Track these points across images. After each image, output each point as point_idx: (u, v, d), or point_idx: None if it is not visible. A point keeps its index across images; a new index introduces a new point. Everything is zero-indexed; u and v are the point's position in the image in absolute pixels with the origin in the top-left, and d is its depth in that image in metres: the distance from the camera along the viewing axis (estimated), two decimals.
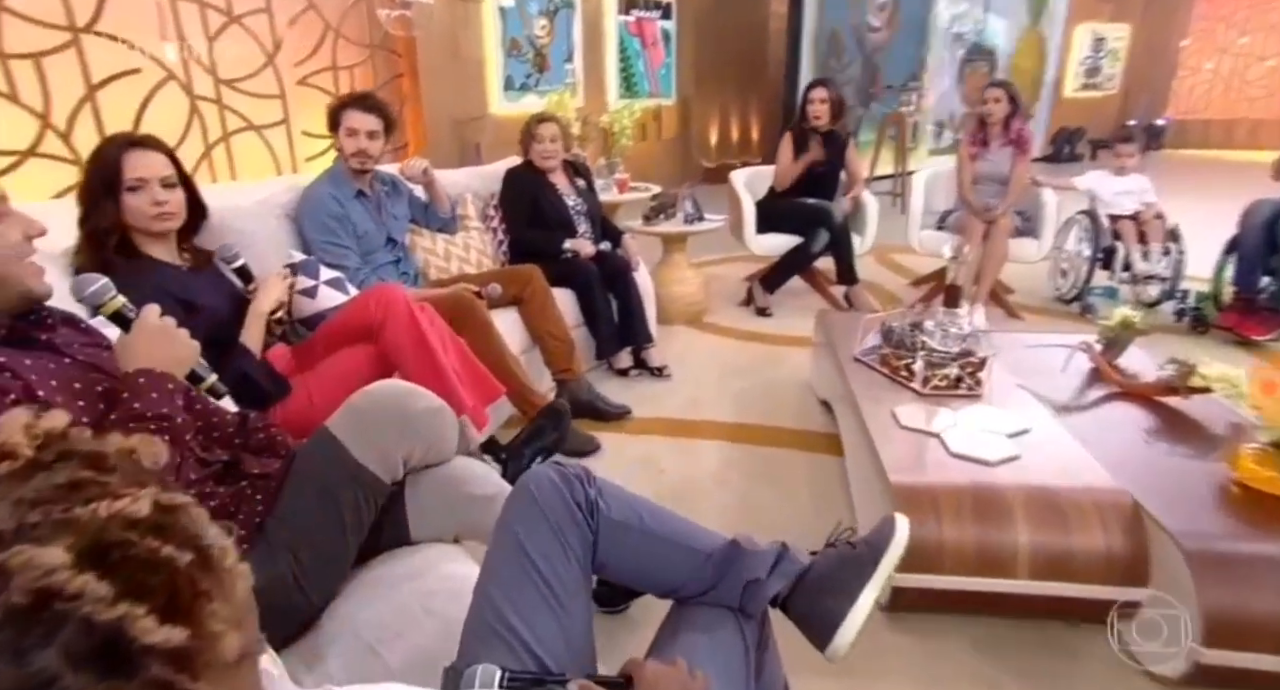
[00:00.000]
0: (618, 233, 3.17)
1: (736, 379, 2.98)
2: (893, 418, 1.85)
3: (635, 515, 1.01)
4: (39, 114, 3.56)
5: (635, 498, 1.06)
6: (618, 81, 6.78)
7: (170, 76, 3.97)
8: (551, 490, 0.96)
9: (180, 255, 1.73)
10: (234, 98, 4.28)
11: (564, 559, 0.92)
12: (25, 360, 0.93)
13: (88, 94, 3.68)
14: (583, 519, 0.96)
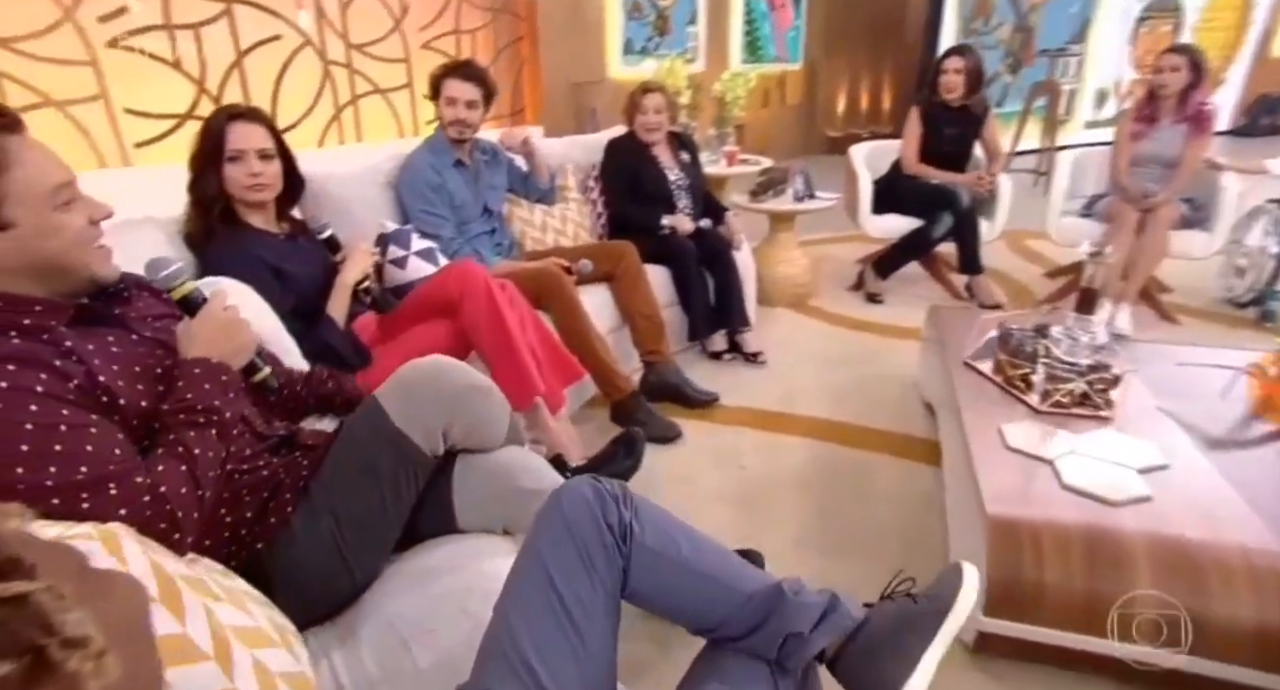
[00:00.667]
0: (720, 209, 3.02)
1: (836, 371, 2.80)
2: (999, 436, 1.65)
3: (673, 543, 0.93)
4: (196, 80, 3.82)
5: (676, 523, 0.97)
6: (741, 45, 6.49)
7: (307, 42, 4.16)
8: (583, 508, 0.89)
9: (279, 224, 1.78)
10: (363, 62, 4.43)
11: (588, 585, 0.85)
12: (89, 344, 0.95)
13: (236, 60, 3.92)
14: (613, 542, 0.88)
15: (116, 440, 0.90)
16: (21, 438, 0.82)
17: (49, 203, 0.90)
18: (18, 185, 0.87)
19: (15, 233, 0.88)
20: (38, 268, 0.92)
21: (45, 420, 0.84)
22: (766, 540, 1.84)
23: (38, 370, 0.87)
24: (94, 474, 0.85)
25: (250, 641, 0.81)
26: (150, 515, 0.87)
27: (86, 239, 0.96)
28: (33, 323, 0.91)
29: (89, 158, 3.59)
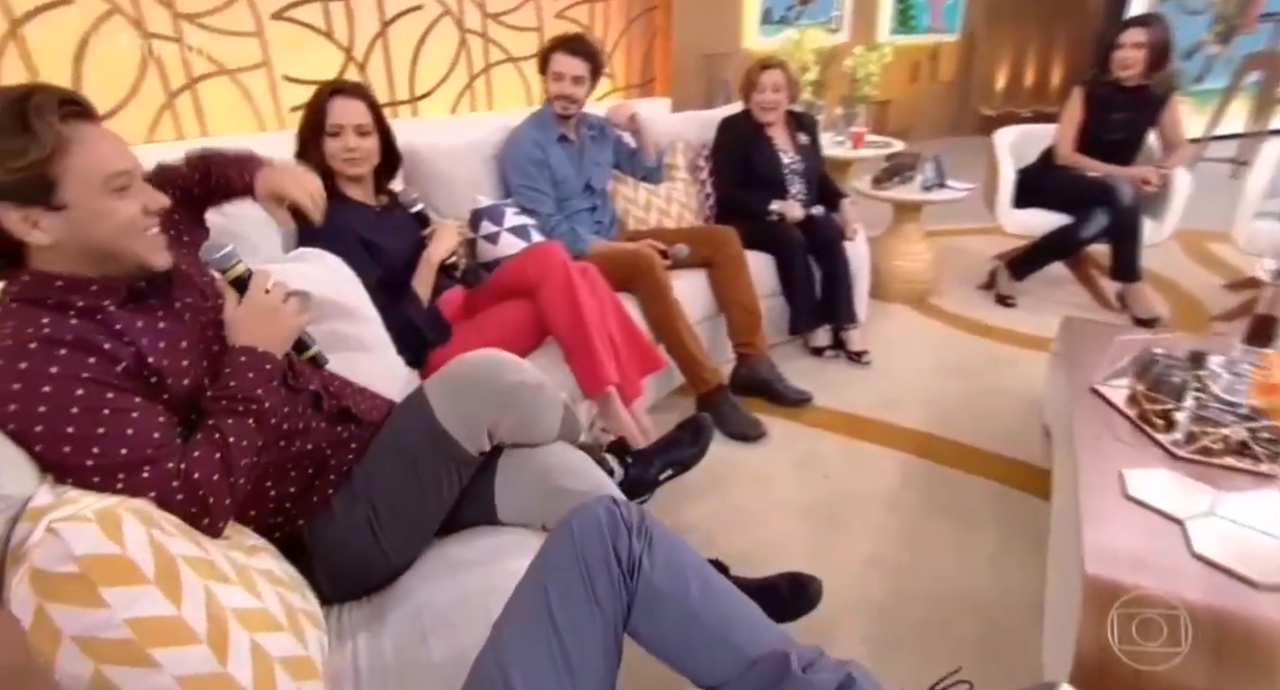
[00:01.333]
0: (837, 196, 2.82)
1: (949, 379, 2.55)
2: (1119, 481, 1.41)
3: (682, 586, 0.84)
4: (345, 48, 4.02)
5: (691, 563, 0.88)
6: (892, 15, 6.02)
7: (446, 12, 4.27)
8: (595, 535, 0.83)
9: (376, 197, 1.82)
10: (497, 31, 4.49)
11: (588, 619, 0.79)
12: (139, 323, 0.98)
13: (381, 30, 4.09)
14: (619, 576, 0.82)
15: (157, 424, 0.93)
16: (69, 420, 0.86)
17: (103, 188, 0.92)
18: (74, 169, 0.89)
19: (68, 214, 0.91)
20: (89, 251, 0.95)
21: (91, 404, 0.88)
22: (837, 556, 1.71)
23: (87, 354, 0.90)
24: (132, 456, 0.89)
25: (252, 625, 0.82)
26: (181, 499, 0.90)
27: (137, 226, 0.97)
28: (87, 304, 0.94)
29: (251, 121, 3.89)
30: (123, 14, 3.31)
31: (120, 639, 0.70)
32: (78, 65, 3.20)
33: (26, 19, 3.03)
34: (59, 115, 0.88)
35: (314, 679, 0.87)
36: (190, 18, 3.50)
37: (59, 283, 0.94)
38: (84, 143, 0.90)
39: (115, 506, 0.74)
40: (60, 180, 0.89)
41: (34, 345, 0.87)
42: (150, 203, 0.99)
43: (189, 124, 3.69)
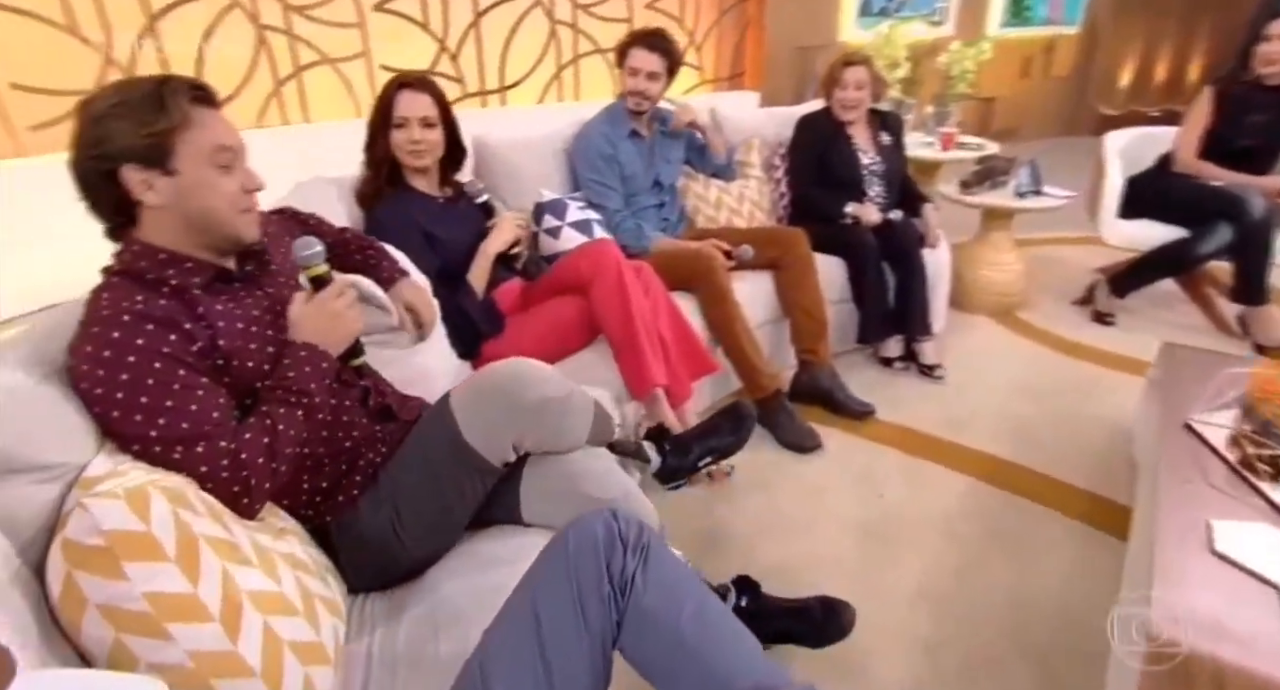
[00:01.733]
0: (919, 200, 2.68)
1: (1030, 400, 2.39)
2: (1205, 532, 1.28)
3: (674, 609, 0.82)
4: (439, 38, 4.15)
5: (687, 587, 0.85)
6: (1004, 6, 5.66)
7: (537, 3, 4.32)
8: (589, 550, 0.81)
9: (441, 188, 1.86)
10: (587, 22, 4.52)
11: (575, 635, 0.78)
12: (218, 307, 1.05)
13: (474, 20, 4.19)
14: (610, 595, 0.80)
15: (217, 404, 0.99)
16: (144, 391, 0.93)
17: (209, 161, 1.02)
18: (189, 143, 1.00)
19: (178, 180, 1.01)
20: (190, 218, 1.04)
21: (164, 378, 0.94)
22: (882, 582, 1.63)
23: (169, 332, 0.97)
24: (191, 431, 0.94)
25: (266, 607, 0.85)
26: (226, 477, 0.95)
27: (235, 201, 1.06)
28: (179, 282, 1.02)
29: (350, 109, 4.08)
30: (241, 7, 3.52)
31: (138, 611, 0.74)
32: (201, 57, 3.44)
33: (162, 14, 3.27)
34: (188, 98, 1.00)
35: (323, 664, 0.90)
36: (299, 10, 3.68)
37: (162, 255, 1.03)
38: (201, 122, 1.02)
39: (146, 485, 0.78)
40: (177, 150, 1.00)
41: (127, 318, 0.94)
42: (248, 182, 1.09)
43: (293, 111, 3.90)
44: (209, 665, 0.78)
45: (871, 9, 5.09)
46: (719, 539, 1.80)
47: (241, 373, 1.05)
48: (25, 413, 0.87)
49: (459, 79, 4.30)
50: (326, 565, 1.08)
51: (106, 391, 0.92)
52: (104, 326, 0.93)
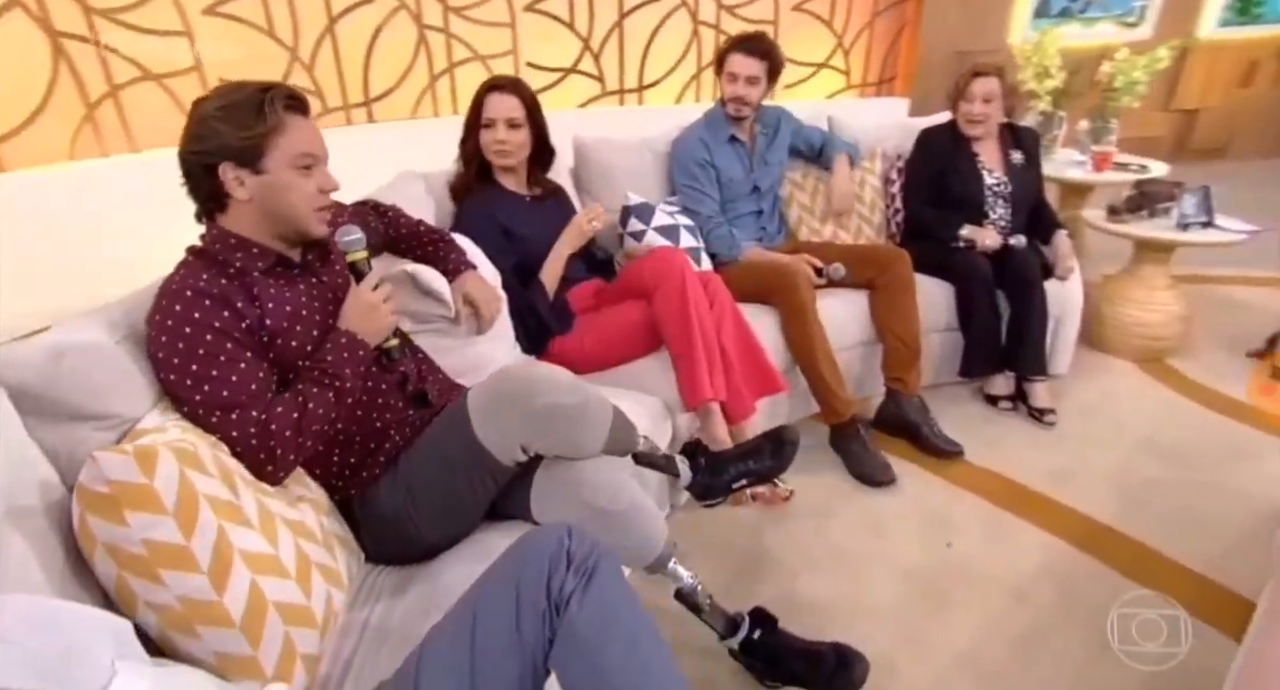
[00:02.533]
0: (1052, 226, 2.42)
1: (1157, 462, 2.09)
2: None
3: (603, 638, 0.80)
4: (583, 38, 4.29)
5: (627, 614, 0.83)
6: (1226, 2, 4.92)
7: (682, 3, 4.34)
8: (536, 563, 0.82)
9: (530, 187, 1.93)
10: (732, 24, 4.47)
11: (507, 645, 0.79)
12: (271, 291, 1.16)
13: (618, 21, 4.29)
14: (546, 612, 0.80)
15: (257, 378, 1.10)
16: (194, 360, 1.05)
17: (293, 163, 1.14)
18: (278, 146, 1.12)
19: (264, 178, 1.13)
20: (270, 212, 1.16)
21: (213, 349, 1.06)
22: (927, 638, 1.51)
23: (222, 309, 1.09)
24: (230, 399, 1.06)
25: (258, 567, 0.94)
26: (254, 445, 1.05)
27: (311, 200, 1.18)
28: (242, 265, 1.15)
29: None
30: (406, 8, 3.82)
31: (136, 554, 0.84)
32: (369, 55, 3.79)
33: (340, 16, 3.64)
34: (283, 106, 1.12)
35: (308, 627, 0.98)
36: (458, 10, 3.95)
37: (233, 240, 1.16)
38: (291, 129, 1.14)
39: (158, 444, 0.89)
40: (268, 152, 1.12)
41: (189, 294, 1.08)
42: (325, 184, 1.20)
43: (444, 104, 4.19)
44: (195, 612, 0.87)
45: (1050, 10, 4.64)
46: (762, 563, 1.74)
47: (285, 351, 1.15)
48: (99, 368, 1.01)
49: (599, 77, 4.43)
50: (339, 536, 1.17)
51: (166, 356, 1.05)
52: (170, 300, 1.07)
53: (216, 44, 3.27)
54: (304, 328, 1.18)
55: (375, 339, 1.23)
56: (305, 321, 1.19)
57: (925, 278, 2.35)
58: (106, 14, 2.94)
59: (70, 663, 0.63)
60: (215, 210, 1.17)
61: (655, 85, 4.53)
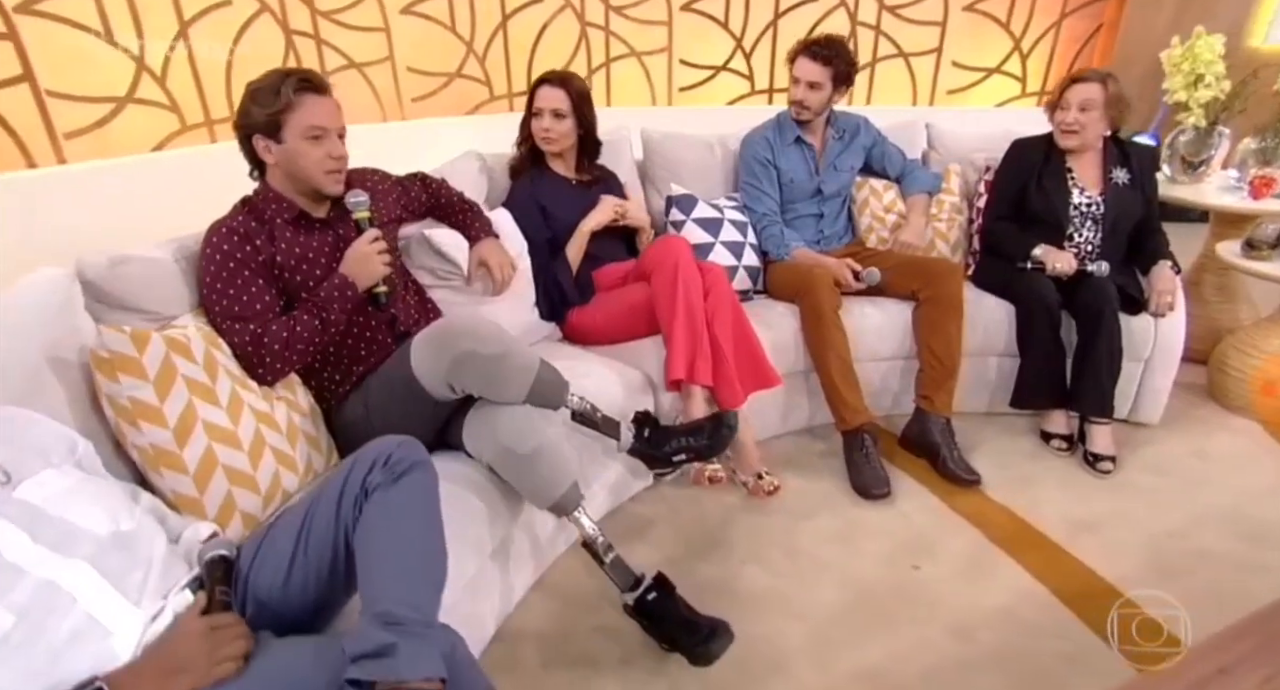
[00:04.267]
0: (1157, 256, 2.13)
1: (1223, 537, 1.79)
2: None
3: (384, 524, 0.97)
4: (736, 37, 4.37)
5: (411, 513, 0.99)
6: None
7: (841, 4, 4.25)
8: (364, 463, 1.01)
9: (578, 172, 2.12)
10: (894, 25, 4.29)
11: (329, 519, 0.98)
12: (288, 233, 1.46)
13: (772, 21, 4.32)
14: (359, 497, 0.99)
15: (263, 300, 1.40)
16: (218, 280, 1.38)
17: (304, 134, 1.42)
18: (293, 120, 1.41)
19: (284, 147, 1.43)
20: (292, 173, 1.46)
21: (232, 274, 1.38)
22: (833, 651, 1.49)
23: (245, 244, 1.41)
24: (237, 312, 1.37)
25: (215, 436, 1.23)
26: (249, 351, 1.36)
27: (321, 164, 1.45)
28: (270, 215, 1.46)
29: (645, 97, 4.56)
30: (571, 7, 4.17)
31: (124, 406, 1.16)
32: (535, 49, 4.19)
33: (513, 14, 4.07)
34: (295, 87, 1.40)
35: (250, 491, 1.26)
36: (619, 9, 4.22)
37: (270, 194, 1.48)
38: (302, 106, 1.41)
39: (156, 332, 1.21)
40: (284, 125, 1.41)
41: (224, 230, 1.41)
42: (333, 151, 1.47)
43: (599, 97, 4.50)
44: (160, 457, 1.18)
45: None
46: (717, 546, 1.79)
47: (292, 285, 1.45)
48: (154, 276, 1.38)
49: (749, 76, 4.48)
50: (308, 434, 1.44)
51: (201, 273, 1.39)
52: (212, 233, 1.41)
53: (407, 38, 3.82)
54: (311, 268, 1.47)
55: (365, 283, 1.49)
56: (314, 263, 1.48)
57: (990, 297, 2.21)
58: (328, 15, 3.55)
59: (25, 451, 0.94)
60: (260, 171, 1.49)
61: None
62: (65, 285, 1.25)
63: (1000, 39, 4.31)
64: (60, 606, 0.83)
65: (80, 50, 2.67)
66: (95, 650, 0.83)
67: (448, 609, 1.23)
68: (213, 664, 0.84)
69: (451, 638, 0.95)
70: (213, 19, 3.05)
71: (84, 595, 0.85)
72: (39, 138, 2.62)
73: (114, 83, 2.82)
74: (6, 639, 0.79)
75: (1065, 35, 4.30)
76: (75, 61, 2.66)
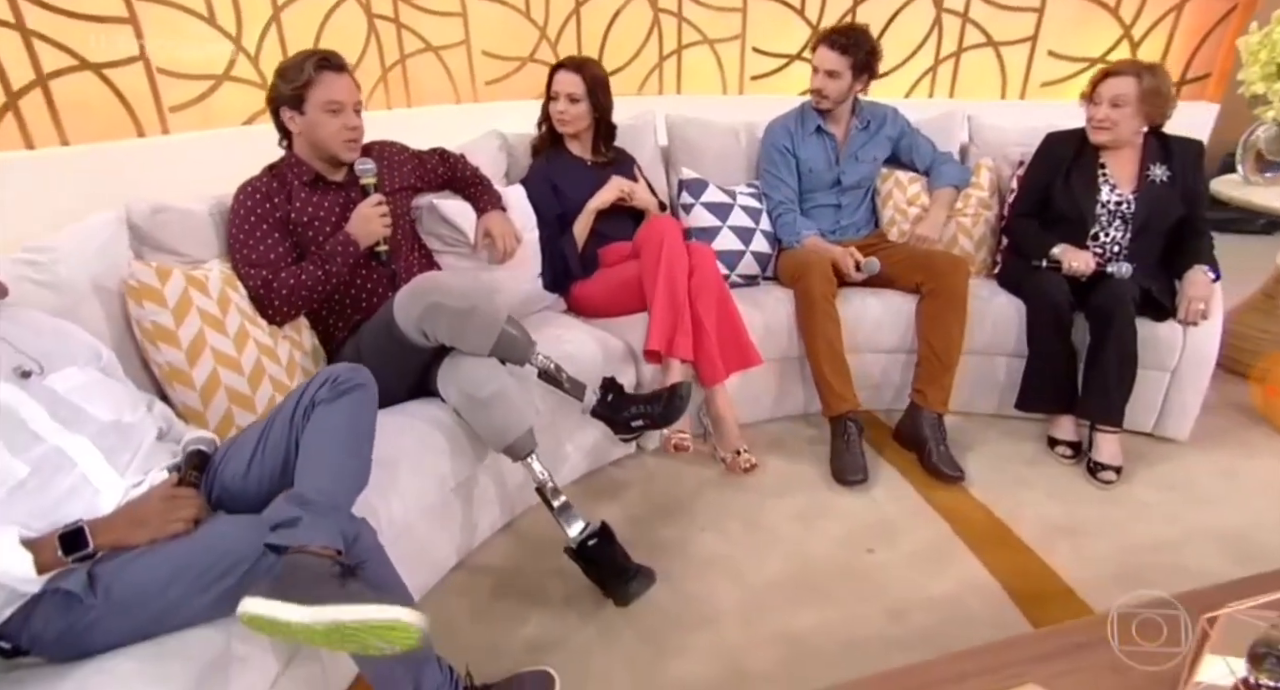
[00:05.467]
0: (1193, 259, 2.08)
1: (1219, 557, 1.76)
2: None
3: (314, 435, 1.19)
4: (812, 24, 4.44)
5: (343, 433, 1.21)
6: None
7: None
8: (317, 383, 1.25)
9: (594, 154, 2.31)
10: (984, 11, 4.20)
11: (285, 425, 1.23)
12: (303, 195, 1.74)
13: (851, 8, 4.34)
14: (308, 408, 1.22)
15: (276, 250, 1.69)
16: (241, 231, 1.68)
17: (323, 108, 1.70)
18: (313, 95, 1.69)
19: (305, 118, 1.71)
20: (312, 140, 1.74)
21: (250, 226, 1.68)
22: (763, 614, 1.62)
23: (265, 201, 1.70)
24: (253, 259, 1.66)
25: (220, 360, 1.52)
26: (260, 294, 1.64)
27: (337, 134, 1.73)
28: (290, 177, 1.75)
29: (716, 85, 4.69)
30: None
31: (147, 328, 1.46)
32: (607, 35, 4.42)
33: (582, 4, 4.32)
34: (316, 65, 1.69)
35: (247, 410, 1.54)
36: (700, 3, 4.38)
37: (292, 160, 1.77)
38: (321, 83, 1.70)
39: (181, 270, 1.50)
40: (306, 99, 1.70)
41: (249, 188, 1.72)
42: (348, 123, 1.74)
43: (669, 84, 4.68)
44: (174, 374, 1.48)
45: None
46: (681, 512, 1.94)
47: (304, 239, 1.73)
48: (189, 225, 1.69)
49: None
50: (307, 369, 1.71)
51: (227, 223, 1.70)
52: (239, 191, 1.71)
53: (483, 23, 4.13)
54: (321, 225, 1.75)
55: (366, 241, 1.75)
56: (324, 221, 1.75)
57: (1003, 295, 2.23)
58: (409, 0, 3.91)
59: (58, 352, 1.24)
60: (288, 139, 1.77)
61: (885, 76, 4.45)
62: (114, 226, 1.57)
63: (1106, 26, 4.13)
64: (64, 467, 1.11)
65: (187, 32, 3.11)
66: (86, 503, 1.11)
67: (407, 526, 1.49)
68: (166, 522, 1.10)
69: (359, 526, 1.18)
70: (303, 4, 3.45)
71: (82, 462, 1.13)
72: (148, 110, 3.08)
73: (214, 61, 3.25)
74: (23, 485, 1.07)
75: (1188, 22, 4.06)
76: (182, 42, 3.11)
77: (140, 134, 3.06)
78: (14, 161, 2.64)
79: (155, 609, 1.06)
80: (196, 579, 1.06)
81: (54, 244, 1.44)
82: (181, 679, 1.02)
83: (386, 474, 1.46)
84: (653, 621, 1.59)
